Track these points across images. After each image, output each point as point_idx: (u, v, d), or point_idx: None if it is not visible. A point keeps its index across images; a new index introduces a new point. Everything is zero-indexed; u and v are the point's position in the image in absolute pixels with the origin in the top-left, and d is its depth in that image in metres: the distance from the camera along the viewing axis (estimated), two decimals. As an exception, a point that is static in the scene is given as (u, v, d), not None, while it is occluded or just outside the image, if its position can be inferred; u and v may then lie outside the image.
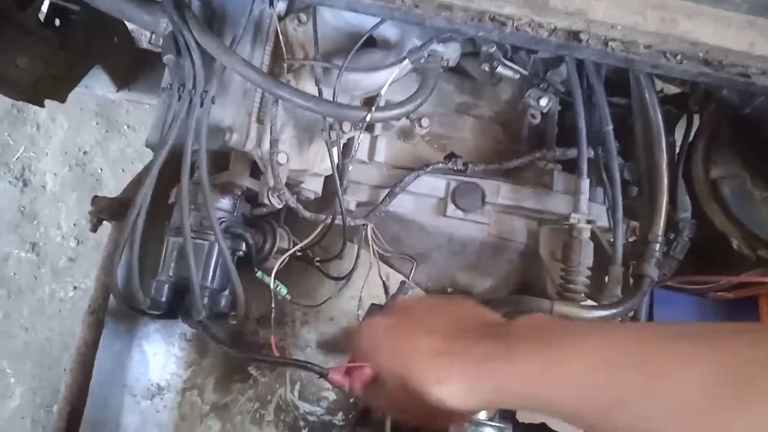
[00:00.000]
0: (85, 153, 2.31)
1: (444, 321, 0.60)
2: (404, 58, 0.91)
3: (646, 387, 0.44)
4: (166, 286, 0.91)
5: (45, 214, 2.26)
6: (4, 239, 2.23)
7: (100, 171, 2.31)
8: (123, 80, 1.62)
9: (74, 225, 2.25)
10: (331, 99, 0.89)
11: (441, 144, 1.09)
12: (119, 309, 0.97)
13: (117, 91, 1.61)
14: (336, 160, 0.92)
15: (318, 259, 1.03)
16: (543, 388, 0.50)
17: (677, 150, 1.07)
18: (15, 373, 2.11)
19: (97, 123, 2.31)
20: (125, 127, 2.32)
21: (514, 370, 0.51)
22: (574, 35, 0.76)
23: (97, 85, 1.59)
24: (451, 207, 0.98)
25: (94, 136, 2.32)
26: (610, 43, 0.77)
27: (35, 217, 2.26)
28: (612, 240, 0.93)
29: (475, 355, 0.54)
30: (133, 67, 1.64)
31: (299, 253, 0.99)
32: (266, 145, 0.87)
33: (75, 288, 2.19)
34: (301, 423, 1.00)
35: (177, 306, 0.93)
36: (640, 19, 0.77)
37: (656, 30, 0.76)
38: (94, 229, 1.20)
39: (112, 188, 2.26)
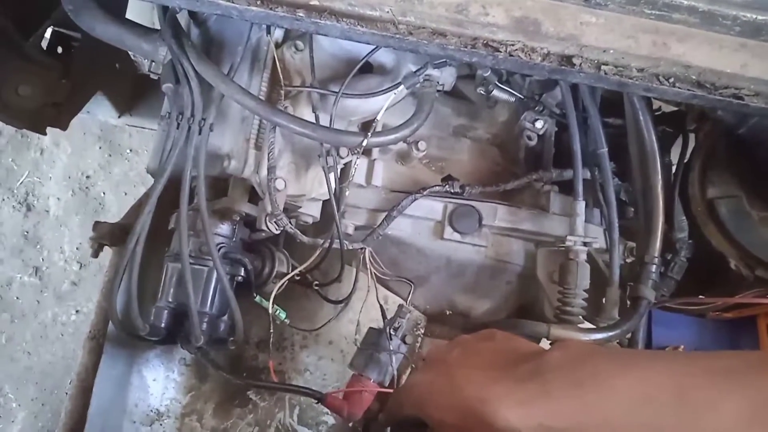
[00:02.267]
0: (88, 177, 2.33)
1: (481, 361, 0.59)
2: (400, 83, 0.92)
3: (684, 420, 0.45)
4: (166, 312, 0.92)
5: (48, 239, 2.27)
6: (7, 264, 2.25)
7: (103, 195, 2.32)
8: (125, 106, 1.64)
9: (77, 249, 2.27)
10: (328, 125, 0.90)
11: (438, 167, 1.10)
12: (119, 335, 0.97)
13: (119, 117, 1.63)
14: (333, 186, 0.92)
15: (317, 282, 1.03)
16: (583, 425, 0.50)
17: (673, 169, 1.07)
18: (17, 397, 2.11)
19: (100, 147, 2.34)
20: (128, 151, 2.34)
21: (553, 409, 0.51)
22: (567, 60, 0.77)
23: (99, 111, 1.60)
24: (448, 230, 0.98)
25: (97, 160, 2.34)
26: (603, 67, 0.78)
27: (38, 242, 2.27)
28: (608, 261, 0.94)
29: (515, 400, 0.53)
30: (135, 93, 1.66)
31: (298, 277, 0.99)
32: (264, 171, 0.88)
33: (77, 312, 2.20)
34: (301, 448, 1.00)
35: (176, 331, 0.94)
36: (632, 43, 0.77)
37: (648, 54, 0.77)
38: (96, 255, 1.21)
39: (115, 211, 2.27)
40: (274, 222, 0.88)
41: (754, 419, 0.43)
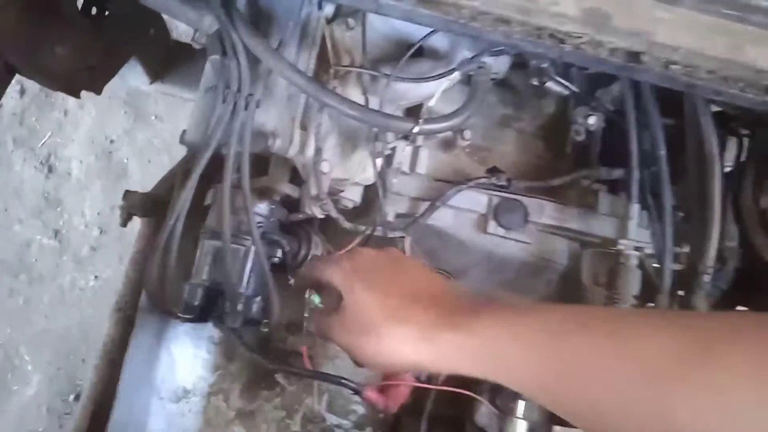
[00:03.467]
0: (111, 142, 2.31)
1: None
2: (454, 69, 0.89)
3: (614, 350, 0.44)
4: (200, 290, 0.90)
5: (69, 202, 2.26)
6: (27, 224, 2.24)
7: (126, 161, 2.31)
8: (157, 72, 1.61)
9: (98, 214, 2.26)
10: (378, 108, 0.87)
11: (481, 156, 1.07)
12: (149, 309, 0.96)
13: (150, 84, 1.60)
14: (379, 171, 0.90)
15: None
16: (506, 352, 0.49)
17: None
18: (32, 360, 2.12)
19: (125, 112, 2.31)
20: (153, 118, 2.31)
21: (478, 327, 0.51)
22: (635, 57, 0.74)
23: (130, 77, 1.57)
24: (492, 224, 0.96)
25: (122, 125, 2.31)
26: (671, 67, 0.75)
27: (59, 204, 2.26)
28: (656, 266, 0.91)
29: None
30: (168, 60, 1.63)
31: (333, 262, 0.97)
32: (310, 152, 0.86)
33: (96, 278, 2.19)
34: (328, 435, 0.99)
35: (208, 310, 0.92)
36: (705, 44, 0.74)
37: (721, 55, 0.74)
38: (124, 224, 1.19)
39: (138, 178, 2.26)
40: (319, 206, 0.86)
41: (686, 351, 0.41)
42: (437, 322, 0.54)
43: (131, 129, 2.31)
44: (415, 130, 0.84)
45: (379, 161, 0.90)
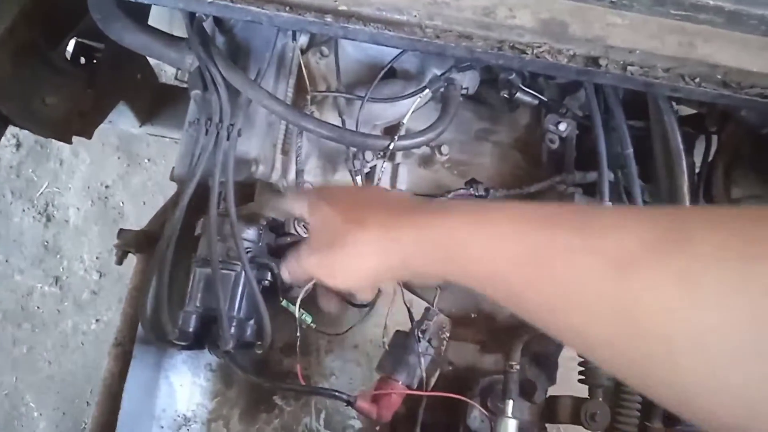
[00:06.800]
0: (107, 187, 2.36)
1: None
2: (425, 87, 0.93)
3: (579, 243, 0.40)
4: (194, 316, 0.92)
5: (68, 248, 2.29)
6: (28, 274, 2.27)
7: (121, 204, 2.34)
8: (146, 115, 1.66)
9: (96, 258, 2.28)
10: (354, 129, 0.91)
11: (461, 170, 1.11)
12: (146, 340, 0.98)
13: (140, 126, 1.65)
14: (359, 189, 0.93)
15: (342, 286, 1.03)
16: (468, 245, 0.46)
17: (697, 171, 1.07)
18: (38, 406, 2.13)
19: (118, 157, 2.36)
20: (146, 161, 2.36)
21: (440, 223, 0.49)
22: (594, 61, 0.78)
23: (120, 121, 1.62)
24: (473, 232, 0.98)
25: (116, 170, 2.36)
26: (629, 68, 0.78)
27: (58, 251, 2.29)
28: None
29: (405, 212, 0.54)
30: (155, 102, 1.68)
31: (323, 282, 1.00)
32: (292, 175, 0.89)
33: (97, 321, 2.21)
34: (328, 452, 1.00)
35: (203, 336, 0.94)
36: (658, 44, 0.78)
37: (674, 54, 0.78)
38: (120, 262, 1.22)
39: (134, 220, 2.29)
40: (303, 225, 0.89)
41: (659, 241, 0.37)
42: (400, 222, 0.52)
43: (125, 173, 2.36)
44: (391, 146, 0.88)
45: (359, 179, 0.93)
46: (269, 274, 0.96)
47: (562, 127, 1.02)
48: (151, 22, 1.16)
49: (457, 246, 0.47)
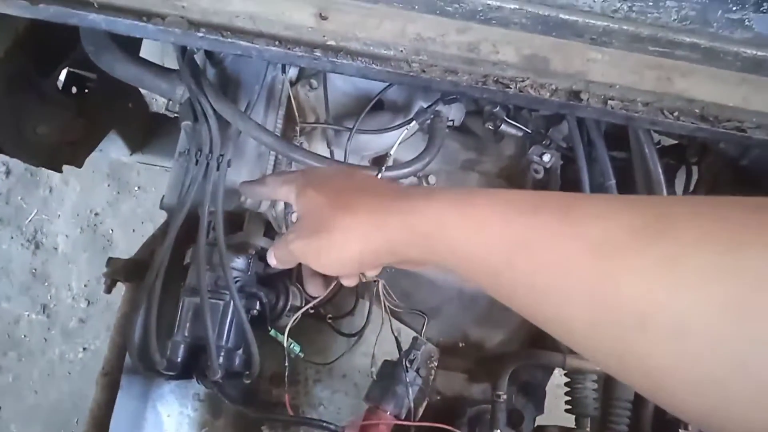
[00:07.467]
0: (96, 214, 2.36)
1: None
2: (412, 119, 0.95)
3: (565, 230, 0.40)
4: (182, 346, 0.92)
5: (56, 276, 2.28)
6: (15, 301, 2.25)
7: (111, 232, 2.34)
8: (136, 144, 1.67)
9: (85, 286, 2.28)
10: (343, 160, 0.92)
11: (448, 200, 1.12)
12: (134, 369, 0.98)
13: (131, 155, 1.66)
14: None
15: (330, 316, 1.04)
16: (454, 232, 0.46)
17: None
18: (24, 436, 2.10)
19: (108, 185, 2.37)
20: (136, 189, 2.37)
21: (427, 210, 0.49)
22: (575, 95, 0.80)
23: (111, 149, 1.63)
24: (460, 262, 0.99)
25: (106, 197, 2.36)
26: (609, 102, 0.80)
27: (46, 279, 2.28)
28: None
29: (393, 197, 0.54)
30: (146, 131, 1.70)
31: (312, 311, 1.00)
32: (281, 206, 0.90)
33: (84, 349, 2.19)
34: (315, 483, 0.99)
35: (191, 366, 0.94)
36: (637, 79, 0.80)
37: (653, 88, 0.80)
38: (108, 291, 1.22)
39: (123, 248, 2.29)
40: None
41: (643, 229, 0.37)
42: (386, 207, 0.52)
43: (115, 201, 2.36)
44: (379, 176, 0.89)
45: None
46: (258, 303, 0.97)
47: (546, 158, 1.04)
48: (143, 53, 1.19)
49: (443, 231, 0.47)
